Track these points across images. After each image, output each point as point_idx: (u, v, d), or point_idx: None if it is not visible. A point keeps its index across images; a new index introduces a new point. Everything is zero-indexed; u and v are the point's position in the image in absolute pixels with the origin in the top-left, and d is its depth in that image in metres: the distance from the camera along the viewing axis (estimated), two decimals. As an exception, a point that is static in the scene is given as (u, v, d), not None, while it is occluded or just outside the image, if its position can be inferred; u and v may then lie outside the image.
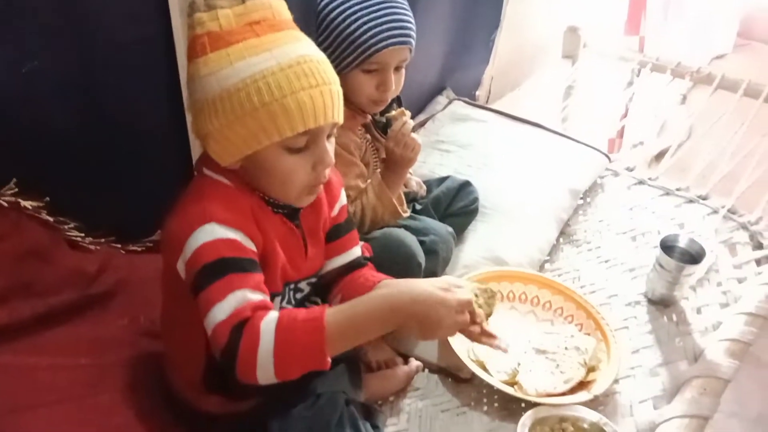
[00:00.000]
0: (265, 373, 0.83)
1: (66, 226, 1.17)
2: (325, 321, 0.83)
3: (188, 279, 0.88)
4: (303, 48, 0.90)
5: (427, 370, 1.29)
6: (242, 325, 0.82)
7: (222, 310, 0.83)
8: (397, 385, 1.24)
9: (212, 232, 0.87)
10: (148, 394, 1.05)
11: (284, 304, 1.03)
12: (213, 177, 0.94)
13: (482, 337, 0.99)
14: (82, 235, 1.19)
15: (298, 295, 1.07)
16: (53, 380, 1.02)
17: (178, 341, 1.04)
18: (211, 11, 0.87)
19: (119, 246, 1.28)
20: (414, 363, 1.28)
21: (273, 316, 0.84)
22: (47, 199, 1.12)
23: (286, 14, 0.92)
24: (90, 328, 1.15)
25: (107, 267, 1.23)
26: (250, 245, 0.90)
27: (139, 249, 1.31)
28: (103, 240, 1.24)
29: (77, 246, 1.20)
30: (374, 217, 1.30)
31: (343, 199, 1.13)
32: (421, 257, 1.23)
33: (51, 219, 1.14)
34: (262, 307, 0.85)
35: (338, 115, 0.92)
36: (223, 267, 0.86)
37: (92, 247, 1.23)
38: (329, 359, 0.85)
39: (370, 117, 1.35)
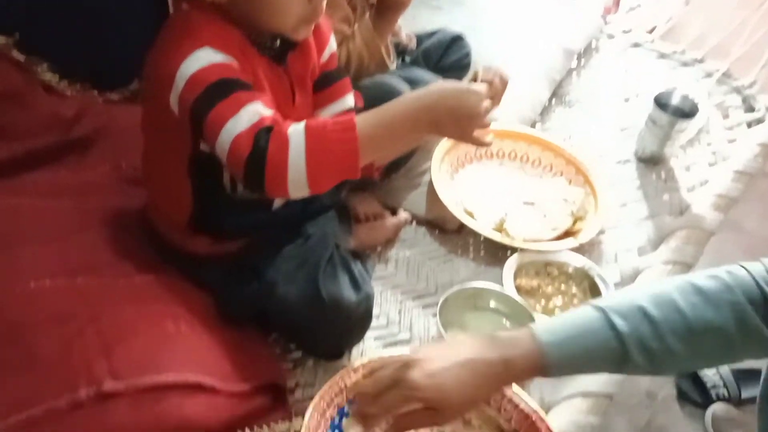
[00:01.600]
0: (297, 181, 0.78)
1: (39, 67, 1.12)
2: (356, 124, 0.80)
3: (187, 108, 0.82)
4: None
5: (414, 222, 1.29)
6: (268, 131, 0.78)
7: (239, 123, 0.78)
8: (385, 236, 1.25)
9: (207, 57, 0.81)
10: (134, 235, 1.04)
11: None
12: (195, 12, 0.87)
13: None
14: (57, 77, 1.14)
15: None
16: (36, 220, 1.01)
17: (162, 183, 1.01)
18: None
19: (95, 93, 1.23)
20: (402, 214, 1.27)
21: (299, 123, 0.79)
22: (17, 35, 1.06)
23: None
24: (70, 173, 1.13)
25: (85, 113, 1.19)
26: (246, 76, 0.85)
27: (116, 98, 1.27)
28: (78, 86, 1.19)
29: (53, 90, 1.16)
30: (359, 65, 1.24)
31: (332, 45, 1.07)
32: None
33: (22, 58, 1.09)
34: (281, 121, 0.81)
35: None
36: (227, 86, 0.80)
37: (68, 92, 1.19)
38: (360, 167, 0.82)
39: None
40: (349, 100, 1.08)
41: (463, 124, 0.86)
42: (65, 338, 0.81)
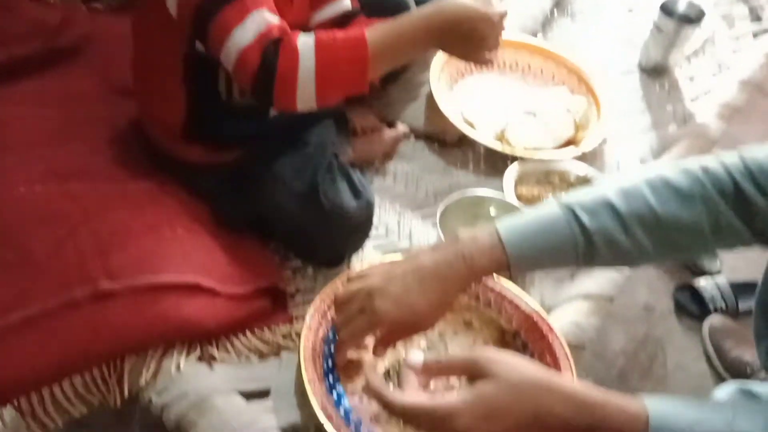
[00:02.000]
0: (306, 95, 0.79)
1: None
2: (367, 37, 0.79)
3: (189, 8, 0.80)
4: None
5: (413, 137, 1.26)
6: (276, 43, 0.77)
7: (245, 34, 0.77)
8: (383, 150, 1.22)
9: None
10: (127, 144, 1.01)
11: None
12: None
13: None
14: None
15: None
16: (24, 127, 0.99)
17: (155, 88, 0.98)
18: None
19: (80, 1, 1.18)
20: (400, 127, 1.24)
21: (309, 36, 0.78)
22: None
23: None
24: (57, 83, 1.09)
25: (70, 21, 1.15)
26: None
27: (101, 7, 1.22)
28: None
29: (38, -1, 1.11)
30: None
31: None
32: (412, 1, 1.14)
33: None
34: (288, 31, 0.79)
35: None
36: None
37: (52, 0, 1.14)
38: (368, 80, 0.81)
39: None
40: (347, 1, 1.04)
41: (471, 47, 0.87)
42: (58, 239, 0.79)
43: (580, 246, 0.71)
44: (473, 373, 0.62)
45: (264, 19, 0.78)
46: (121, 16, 1.20)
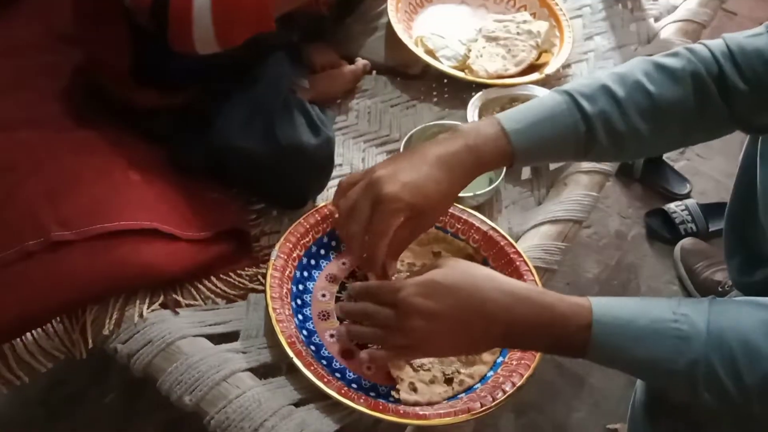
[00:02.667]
0: (204, 32, 0.75)
1: None
2: None
3: None
4: None
5: (374, 72, 1.23)
6: None
7: None
8: (343, 85, 1.19)
9: None
10: (75, 92, 0.97)
11: None
12: None
13: None
14: None
15: None
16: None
17: (98, 32, 0.93)
18: None
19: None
20: (360, 62, 1.21)
21: None
22: None
23: None
24: (1, 32, 1.03)
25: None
26: None
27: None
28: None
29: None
30: None
31: None
32: None
33: None
34: None
35: None
36: None
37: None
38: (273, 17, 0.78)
39: None
40: None
41: None
42: (7, 189, 0.77)
43: (581, 132, 0.72)
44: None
45: None
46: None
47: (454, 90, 1.17)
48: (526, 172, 1.06)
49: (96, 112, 0.95)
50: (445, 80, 1.18)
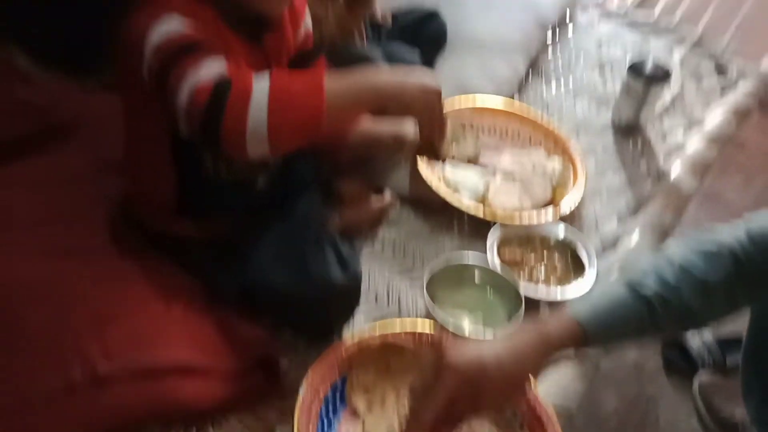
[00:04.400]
0: (257, 134, 0.74)
1: (15, 55, 1.11)
2: (324, 76, 0.79)
3: (154, 71, 0.80)
4: None
5: (398, 202, 1.30)
6: (229, 80, 0.75)
7: (200, 73, 0.75)
8: (371, 218, 1.25)
9: (176, 22, 0.80)
10: (117, 223, 1.04)
11: None
12: None
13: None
14: (32, 65, 1.13)
15: None
16: (14, 211, 1.01)
17: (145, 168, 1.01)
18: None
19: (71, 81, 1.22)
20: (387, 197, 1.28)
21: (264, 73, 0.77)
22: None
23: None
24: (50, 163, 1.12)
25: (61, 102, 1.19)
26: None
27: (92, 87, 1.26)
28: (53, 74, 1.18)
29: (28, 80, 1.15)
30: (331, 46, 1.23)
31: (308, 23, 1.08)
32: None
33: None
34: (245, 72, 0.79)
35: None
36: (193, 44, 0.79)
37: (43, 80, 1.18)
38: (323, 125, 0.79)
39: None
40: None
41: (406, 102, 0.88)
42: (55, 320, 0.81)
43: (645, 316, 0.80)
44: None
45: (220, 63, 0.78)
46: (112, 94, 1.24)
47: (474, 223, 1.23)
48: (544, 309, 1.10)
49: (137, 241, 1.01)
50: (466, 213, 1.25)
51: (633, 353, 1.54)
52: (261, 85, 0.75)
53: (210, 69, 0.76)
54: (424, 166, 1.26)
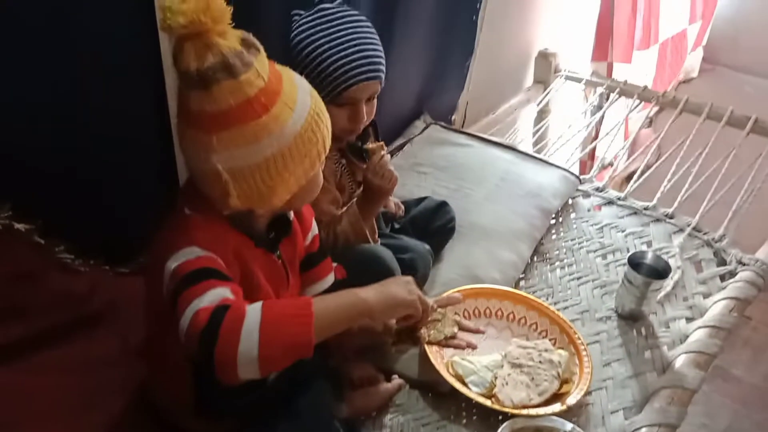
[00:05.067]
0: (248, 355, 0.80)
1: (57, 249, 1.20)
2: (313, 302, 0.88)
3: (169, 291, 0.88)
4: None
5: (407, 386, 1.33)
6: (226, 307, 0.82)
7: (201, 302, 0.83)
8: (379, 402, 1.27)
9: (194, 252, 0.89)
10: (137, 413, 1.08)
11: None
12: (195, 215, 0.96)
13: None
14: (72, 256, 1.22)
15: None
16: (44, 399, 1.05)
17: (163, 366, 1.07)
18: (250, 68, 0.88)
19: (107, 267, 1.31)
20: (396, 381, 1.31)
21: (258, 302, 0.85)
22: (39, 221, 1.15)
23: None
24: (80, 348, 1.17)
25: (96, 288, 1.26)
26: (230, 274, 0.92)
27: (127, 271, 1.34)
28: (92, 262, 1.27)
29: (67, 268, 1.23)
30: (346, 243, 1.33)
31: (314, 229, 1.18)
32: (398, 272, 1.27)
33: (42, 241, 1.17)
34: (242, 301, 0.87)
35: None
36: (202, 273, 0.87)
37: (82, 269, 1.26)
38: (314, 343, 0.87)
39: (345, 141, 1.40)
40: (330, 279, 1.19)
41: (387, 311, 1.07)
42: None
43: None
44: None
45: (222, 294, 0.84)
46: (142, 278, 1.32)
47: (482, 413, 1.25)
48: None
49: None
50: (474, 402, 1.27)
51: None
52: (253, 313, 0.82)
53: (213, 296, 0.84)
54: (433, 352, 1.30)
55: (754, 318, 2.17)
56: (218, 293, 0.85)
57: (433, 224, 1.55)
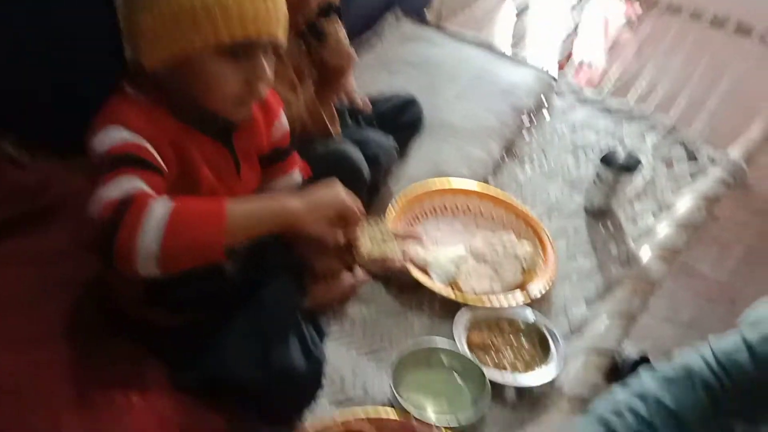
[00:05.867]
0: (148, 249, 0.77)
1: (4, 142, 1.14)
2: (228, 203, 0.83)
3: (92, 173, 0.83)
4: None
5: (370, 278, 1.31)
6: (133, 199, 0.78)
7: (110, 190, 0.79)
8: (342, 294, 1.26)
9: (120, 133, 0.84)
10: (91, 305, 1.05)
11: None
12: (134, 94, 0.90)
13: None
14: (21, 149, 1.16)
15: None
16: (2, 290, 1.01)
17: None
18: None
19: (58, 161, 1.25)
20: (359, 273, 1.30)
21: (170, 200, 0.81)
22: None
23: None
24: (34, 243, 1.13)
25: (47, 181, 1.21)
26: (160, 161, 0.87)
27: (78, 165, 1.28)
28: (42, 155, 1.21)
29: (16, 161, 1.18)
30: (303, 130, 1.26)
31: (284, 123, 1.11)
32: (367, 172, 1.23)
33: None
34: (154, 195, 0.81)
35: (280, 32, 0.90)
36: (124, 159, 0.82)
37: (30, 162, 1.21)
38: (223, 251, 0.82)
39: (304, 26, 1.31)
40: (296, 175, 1.13)
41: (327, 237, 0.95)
42: (17, 414, 0.81)
43: None
44: None
45: (135, 185, 0.80)
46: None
47: (444, 303, 1.25)
48: (510, 393, 1.10)
49: (106, 326, 1.02)
50: (437, 293, 1.26)
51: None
52: (161, 209, 0.78)
53: (121, 186, 0.79)
54: (397, 244, 1.28)
55: (722, 216, 2.18)
56: (132, 185, 0.80)
57: (400, 119, 1.50)
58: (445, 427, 0.97)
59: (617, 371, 1.60)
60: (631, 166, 1.46)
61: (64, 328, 0.97)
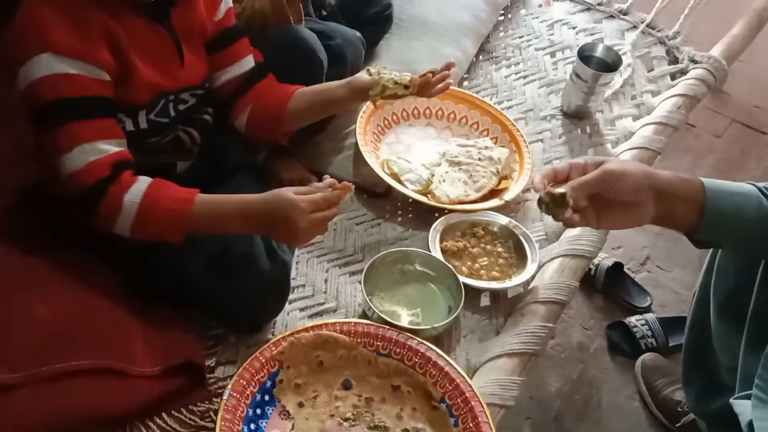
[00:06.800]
0: (123, 226, 0.85)
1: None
2: (193, 210, 0.85)
3: (27, 109, 0.84)
4: None
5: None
6: (105, 186, 0.82)
7: (72, 162, 0.81)
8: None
9: (49, 65, 0.80)
10: (38, 211, 0.97)
11: (157, 117, 0.94)
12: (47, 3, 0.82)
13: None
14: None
15: (181, 107, 0.98)
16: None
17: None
18: None
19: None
20: (328, 179, 1.23)
21: (141, 187, 0.84)
22: None
23: None
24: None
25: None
26: (99, 74, 0.83)
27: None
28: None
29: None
30: (263, 22, 1.16)
31: (228, 0, 1.02)
32: (323, 54, 1.14)
33: None
34: (122, 163, 0.84)
35: None
36: (64, 110, 0.81)
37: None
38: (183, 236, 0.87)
39: None
40: (248, 62, 1.05)
41: (291, 239, 0.92)
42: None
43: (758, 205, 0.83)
44: None
45: (95, 149, 0.82)
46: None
47: (417, 211, 1.20)
48: (485, 300, 1.08)
49: (54, 233, 0.95)
50: (410, 200, 1.21)
51: (578, 333, 1.54)
52: (132, 201, 0.83)
53: (83, 156, 0.82)
54: (367, 151, 1.22)
55: (697, 125, 2.15)
56: (88, 150, 0.82)
57: (367, 11, 1.39)
58: (418, 332, 0.94)
59: (591, 280, 1.60)
60: (611, 64, 1.40)
61: (10, 234, 0.91)
